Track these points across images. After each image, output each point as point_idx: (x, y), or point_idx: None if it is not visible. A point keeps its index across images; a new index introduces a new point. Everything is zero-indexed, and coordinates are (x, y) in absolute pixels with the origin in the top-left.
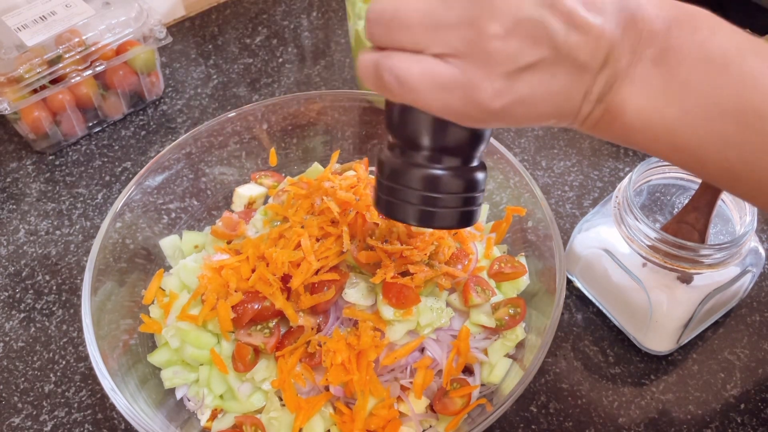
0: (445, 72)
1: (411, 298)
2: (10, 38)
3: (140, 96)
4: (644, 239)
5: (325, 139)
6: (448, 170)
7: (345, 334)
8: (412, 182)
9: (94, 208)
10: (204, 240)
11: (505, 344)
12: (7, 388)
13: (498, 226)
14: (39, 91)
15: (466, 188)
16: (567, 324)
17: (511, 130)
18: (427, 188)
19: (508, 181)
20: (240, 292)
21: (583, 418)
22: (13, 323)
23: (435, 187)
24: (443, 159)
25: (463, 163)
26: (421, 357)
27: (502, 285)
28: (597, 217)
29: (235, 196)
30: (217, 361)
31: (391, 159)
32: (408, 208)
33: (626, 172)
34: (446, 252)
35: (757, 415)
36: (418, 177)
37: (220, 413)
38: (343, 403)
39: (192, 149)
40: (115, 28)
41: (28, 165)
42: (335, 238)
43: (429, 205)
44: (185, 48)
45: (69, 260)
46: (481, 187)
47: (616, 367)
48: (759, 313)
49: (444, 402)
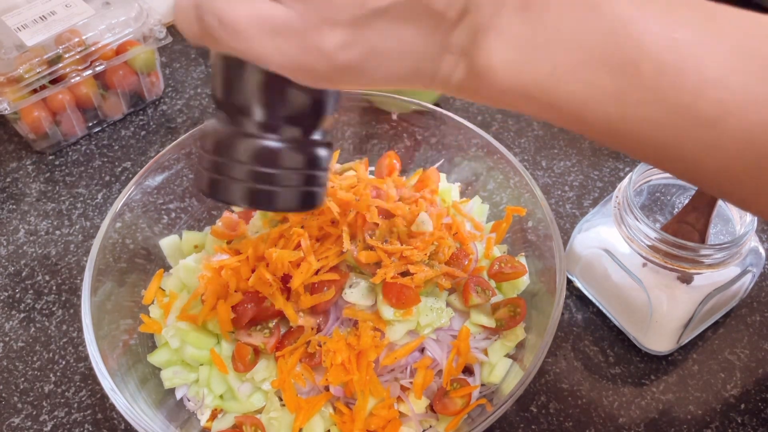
0: (279, 14)
1: (411, 298)
2: (10, 38)
3: (140, 96)
4: (644, 239)
5: None
6: (284, 142)
7: (345, 334)
8: (241, 155)
9: (94, 208)
10: (204, 240)
11: (505, 344)
12: (7, 388)
13: (498, 226)
14: (39, 91)
15: (307, 164)
16: (567, 324)
17: (511, 130)
18: (259, 162)
19: (508, 181)
20: (240, 292)
21: (583, 418)
22: (13, 323)
23: (268, 162)
24: (279, 128)
25: (303, 135)
26: (421, 357)
27: (502, 285)
28: (597, 217)
29: None
30: (217, 361)
31: (216, 128)
32: (236, 186)
33: (626, 172)
34: (446, 252)
35: (757, 415)
36: (248, 149)
37: (220, 413)
38: (343, 403)
39: (192, 149)
40: (115, 28)
41: (28, 165)
42: (335, 238)
43: (261, 183)
44: (185, 48)
45: (69, 260)
46: (323, 165)
47: (616, 367)
48: (759, 313)
49: (444, 402)
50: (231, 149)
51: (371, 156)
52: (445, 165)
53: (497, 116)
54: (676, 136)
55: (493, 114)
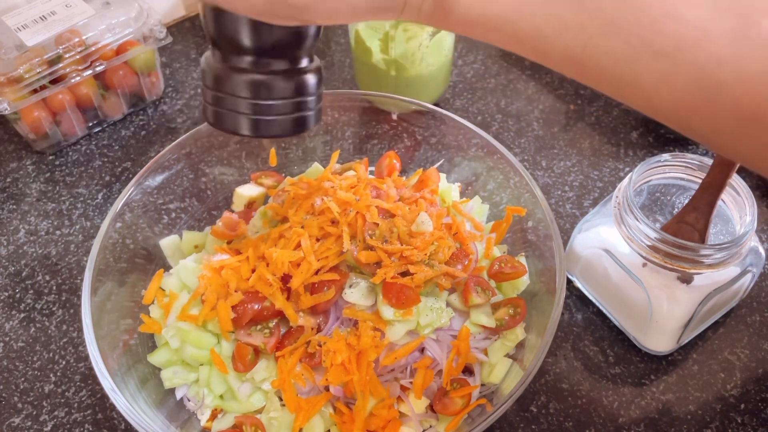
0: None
1: (411, 298)
2: (10, 38)
3: (140, 96)
4: (644, 239)
5: (325, 139)
6: (273, 74)
7: (345, 334)
8: (238, 89)
9: (94, 208)
10: (204, 240)
11: (505, 344)
12: (7, 388)
13: (498, 226)
14: (39, 91)
15: (296, 92)
16: (567, 324)
17: (511, 131)
18: (254, 95)
19: (508, 181)
20: (240, 292)
21: (583, 418)
22: (13, 323)
23: (261, 93)
24: (267, 62)
25: (291, 65)
26: (421, 357)
27: (502, 285)
28: (597, 217)
29: (235, 197)
30: (217, 361)
31: (213, 65)
32: (237, 117)
33: (626, 172)
34: (446, 252)
35: (757, 415)
36: (243, 83)
37: (220, 413)
38: (343, 403)
39: (192, 149)
40: (115, 28)
41: (28, 165)
42: (335, 238)
43: (259, 114)
44: (185, 48)
45: (69, 260)
46: (312, 91)
47: (616, 367)
48: (759, 313)
49: (444, 402)
50: (228, 84)
51: (371, 156)
52: (445, 165)
53: (497, 116)
54: (634, 69)
55: (493, 114)
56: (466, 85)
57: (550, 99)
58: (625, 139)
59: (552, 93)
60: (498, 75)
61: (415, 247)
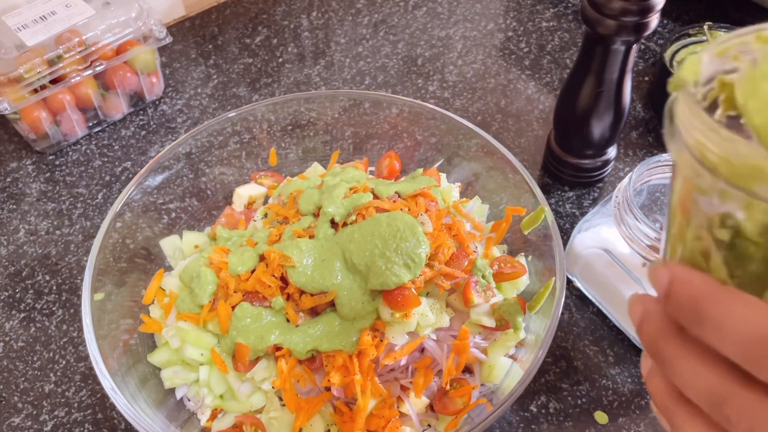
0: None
1: (411, 301)
2: (10, 38)
3: (140, 96)
4: (644, 239)
5: (325, 139)
6: None
7: None
8: None
9: (94, 208)
10: (204, 240)
11: (505, 344)
12: (7, 388)
13: (498, 226)
14: (39, 91)
15: None
16: (567, 324)
17: (511, 131)
18: None
19: (508, 181)
20: (240, 292)
21: (583, 418)
22: (13, 323)
23: None
24: None
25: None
26: (421, 357)
27: (502, 285)
28: (597, 217)
29: (235, 196)
30: (217, 360)
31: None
32: None
33: (626, 172)
34: (446, 252)
35: None
36: None
37: (220, 413)
38: (343, 403)
39: (192, 149)
40: (115, 28)
41: (28, 165)
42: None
43: None
44: (185, 48)
45: (69, 260)
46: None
47: (616, 367)
48: None
49: (444, 402)
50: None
51: (371, 156)
52: (445, 165)
53: (497, 116)
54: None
55: (493, 114)
56: (466, 85)
57: (550, 99)
58: (625, 139)
59: (552, 93)
60: (498, 75)
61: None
